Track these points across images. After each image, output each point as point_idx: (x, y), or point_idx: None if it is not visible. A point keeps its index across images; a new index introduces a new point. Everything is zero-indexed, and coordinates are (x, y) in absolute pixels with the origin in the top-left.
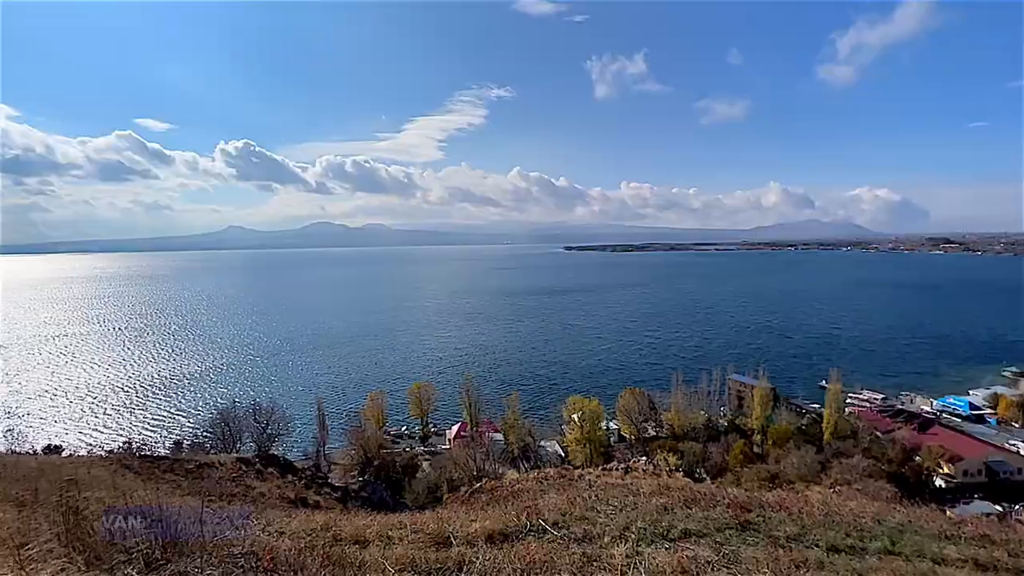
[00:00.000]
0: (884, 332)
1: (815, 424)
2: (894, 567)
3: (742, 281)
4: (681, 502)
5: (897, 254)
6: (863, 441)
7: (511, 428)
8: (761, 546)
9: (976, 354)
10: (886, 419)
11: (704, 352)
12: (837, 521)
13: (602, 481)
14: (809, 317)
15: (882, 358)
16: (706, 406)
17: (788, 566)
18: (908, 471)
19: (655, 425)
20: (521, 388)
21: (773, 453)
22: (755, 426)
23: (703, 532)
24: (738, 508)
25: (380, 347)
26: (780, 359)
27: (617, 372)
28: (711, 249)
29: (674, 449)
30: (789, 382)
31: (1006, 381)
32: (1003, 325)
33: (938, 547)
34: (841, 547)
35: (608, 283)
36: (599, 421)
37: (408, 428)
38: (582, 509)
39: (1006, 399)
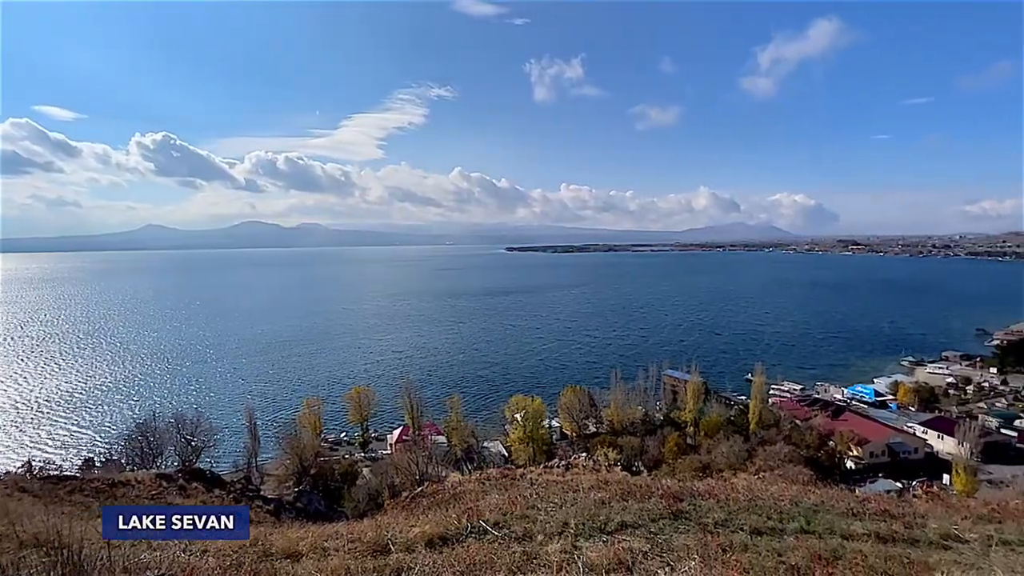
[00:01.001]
0: (802, 328)
1: (742, 415)
2: (809, 545)
3: (676, 281)
4: (618, 495)
5: (812, 255)
6: (784, 429)
7: (454, 430)
8: (692, 533)
9: (880, 346)
10: (804, 408)
11: (641, 350)
12: (760, 505)
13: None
14: (736, 315)
15: (800, 352)
16: (643, 401)
17: (716, 550)
18: (823, 455)
19: (596, 422)
20: (464, 390)
21: (705, 444)
22: (688, 419)
23: (638, 523)
24: (671, 498)
25: (316, 352)
26: (711, 355)
27: (558, 371)
28: (647, 250)
29: (613, 444)
30: (719, 376)
31: (905, 370)
32: (902, 319)
33: (846, 524)
34: (763, 529)
35: (549, 283)
36: (541, 420)
37: (347, 434)
38: (523, 508)
39: (905, 386)
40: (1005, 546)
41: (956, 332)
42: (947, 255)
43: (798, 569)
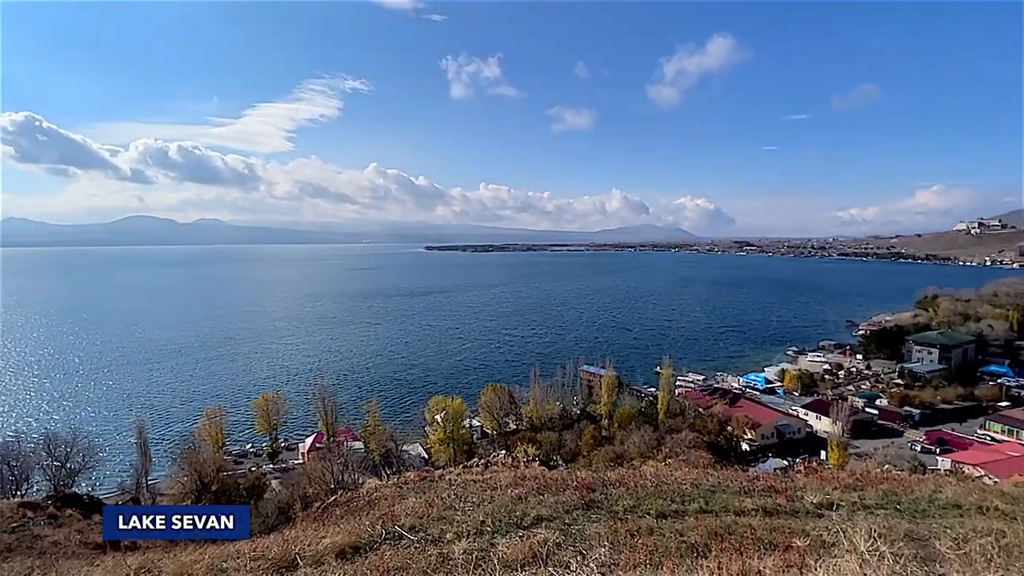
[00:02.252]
0: (704, 323)
1: (652, 406)
2: (707, 523)
3: (590, 280)
4: (534, 490)
5: (713, 255)
6: (689, 417)
7: (371, 435)
8: (603, 521)
9: (769, 338)
10: (706, 397)
11: (559, 347)
12: (665, 490)
13: (462, 479)
14: (646, 311)
15: (702, 345)
16: (561, 397)
17: (624, 536)
18: (722, 439)
19: (516, 419)
20: (382, 393)
21: (618, 435)
22: (603, 412)
23: (553, 516)
24: (584, 489)
25: (217, 358)
26: (623, 350)
27: (479, 371)
28: (564, 250)
29: (533, 440)
30: (631, 370)
31: (789, 359)
32: (787, 314)
33: (739, 501)
34: (668, 512)
35: (469, 283)
36: (462, 420)
37: (254, 446)
38: (440, 510)
39: (790, 373)
40: (866, 510)
41: (831, 324)
42: (823, 255)
43: (697, 547)
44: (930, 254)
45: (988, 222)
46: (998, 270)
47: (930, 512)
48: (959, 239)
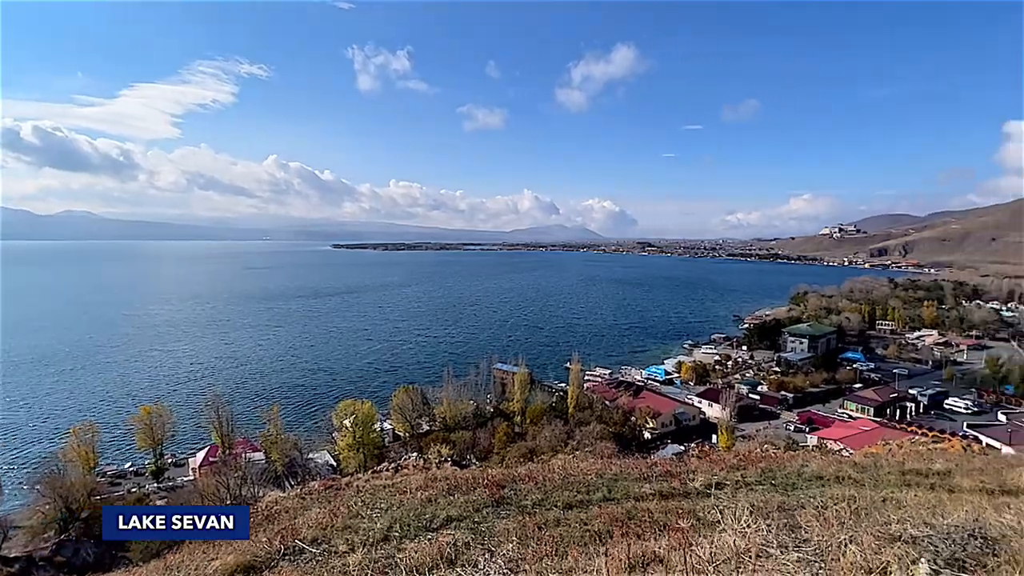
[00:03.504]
0: (610, 320)
1: (562, 400)
2: (609, 511)
3: (503, 279)
4: (445, 491)
5: (618, 255)
6: (597, 410)
7: (273, 444)
8: (512, 517)
9: (668, 333)
10: (612, 390)
11: (472, 346)
12: (572, 482)
13: (371, 485)
14: (556, 310)
15: (608, 341)
16: (475, 396)
17: (532, 529)
18: (626, 429)
19: (429, 420)
20: (284, 400)
21: (531, 430)
22: (516, 409)
23: (463, 516)
24: (494, 487)
25: (85, 368)
26: (535, 347)
27: (390, 372)
28: (477, 249)
29: (446, 440)
30: (542, 367)
31: (686, 351)
32: (685, 310)
33: (638, 487)
34: (574, 503)
35: (379, 283)
36: (372, 423)
37: (135, 464)
38: (345, 519)
39: (686, 365)
40: (747, 487)
41: (721, 319)
42: (714, 256)
43: (600, 534)
44: (801, 255)
45: (847, 227)
46: (854, 269)
47: (798, 485)
48: (824, 242)
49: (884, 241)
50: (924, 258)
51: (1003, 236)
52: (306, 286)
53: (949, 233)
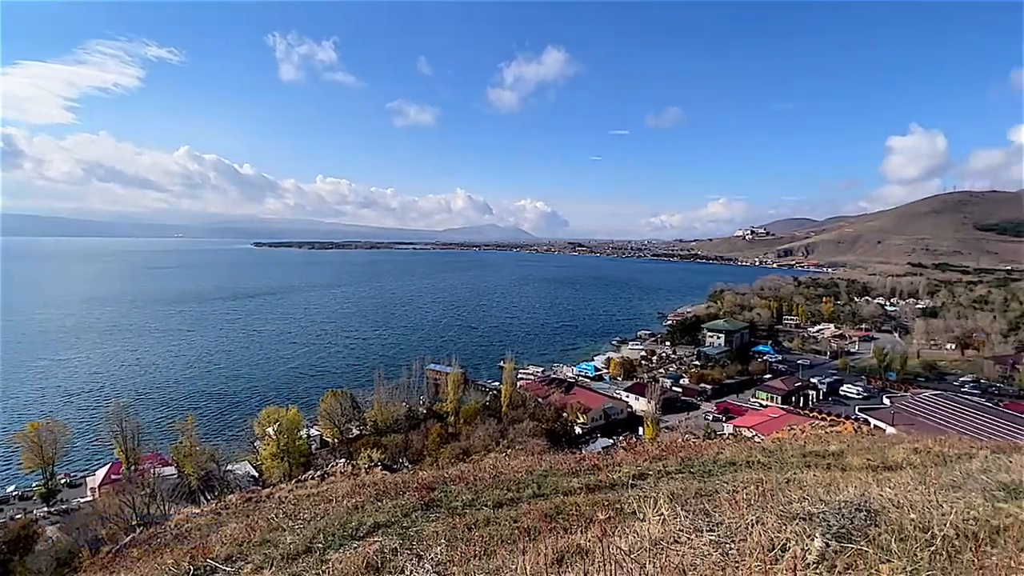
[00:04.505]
0: (542, 319)
1: (496, 399)
2: (538, 507)
3: (436, 279)
4: (373, 497)
5: (550, 255)
6: (530, 407)
7: (187, 457)
8: (442, 519)
9: (598, 330)
10: (544, 387)
11: (404, 347)
12: (503, 480)
13: (295, 495)
14: (490, 309)
15: (541, 339)
16: (407, 398)
17: (462, 530)
18: (558, 425)
19: (359, 424)
20: (200, 409)
21: (464, 430)
22: (450, 409)
23: (391, 521)
24: (424, 489)
25: None
26: (469, 347)
27: (317, 377)
28: (409, 248)
29: (377, 444)
30: (476, 366)
31: (614, 348)
32: (613, 308)
33: (567, 482)
34: (504, 501)
35: (305, 283)
36: (298, 430)
37: (19, 487)
38: (265, 532)
39: (614, 361)
40: (668, 476)
41: (646, 316)
42: (640, 256)
43: (529, 530)
44: (718, 255)
45: (757, 230)
46: (764, 269)
47: (714, 471)
48: (738, 243)
49: (789, 243)
50: (823, 258)
51: (887, 239)
52: (223, 287)
53: (843, 236)
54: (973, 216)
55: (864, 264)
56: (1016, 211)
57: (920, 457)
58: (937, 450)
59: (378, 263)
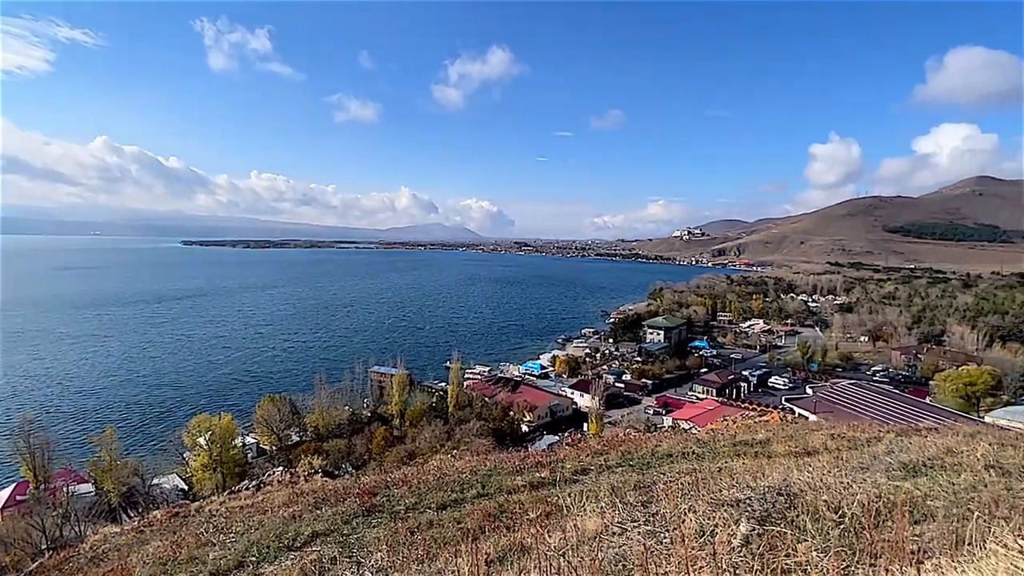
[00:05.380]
0: (489, 318)
1: (442, 400)
2: (482, 506)
3: (380, 279)
4: (311, 505)
5: (496, 254)
6: (477, 407)
7: (106, 473)
8: (384, 525)
9: (544, 329)
10: (491, 386)
11: (347, 349)
12: (447, 482)
13: (227, 507)
14: (436, 309)
15: (488, 339)
16: (350, 401)
17: (404, 535)
18: (505, 424)
19: (299, 430)
20: (120, 420)
21: (410, 432)
22: (395, 411)
23: (331, 529)
24: (366, 495)
25: None
26: (414, 348)
27: (253, 382)
28: (352, 247)
29: (318, 450)
30: (422, 367)
31: (559, 346)
32: (559, 307)
33: (511, 481)
34: (448, 503)
35: (239, 284)
36: (232, 439)
37: None
38: (192, 549)
39: (560, 359)
40: (608, 470)
41: (591, 314)
42: (584, 255)
43: (473, 531)
44: (658, 255)
45: (693, 231)
46: (700, 268)
47: (652, 463)
48: (676, 244)
49: (723, 243)
50: (753, 258)
51: (809, 240)
52: (147, 289)
53: (771, 236)
54: (882, 219)
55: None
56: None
57: (836, 442)
58: (850, 435)
59: (318, 263)
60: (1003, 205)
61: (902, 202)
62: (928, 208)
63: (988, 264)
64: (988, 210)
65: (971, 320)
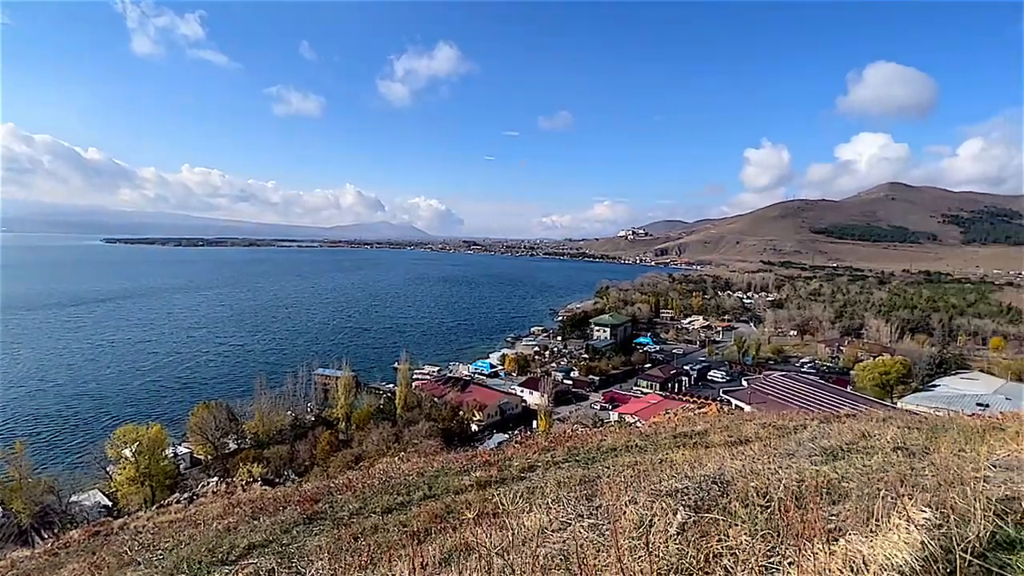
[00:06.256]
0: (438, 318)
1: (390, 401)
2: (429, 508)
3: (324, 279)
4: (249, 516)
5: (444, 253)
6: (426, 408)
7: (15, 492)
8: (326, 532)
9: (493, 328)
10: (440, 386)
11: (289, 352)
12: (393, 485)
13: (155, 523)
14: (383, 309)
15: (437, 339)
16: (292, 406)
17: (348, 541)
18: (455, 424)
19: (237, 437)
20: (32, 434)
21: (357, 436)
22: (341, 415)
23: (269, 540)
24: (307, 502)
25: None
26: (361, 349)
27: (185, 389)
28: (294, 246)
29: (259, 458)
30: (369, 369)
31: (509, 344)
32: (508, 306)
33: (458, 481)
34: (393, 507)
35: (169, 284)
36: (162, 449)
37: None
38: (112, 570)
39: (509, 357)
40: (555, 466)
41: (540, 312)
42: (532, 255)
43: (418, 533)
44: (604, 254)
45: (637, 231)
46: (643, 267)
47: (597, 458)
48: (621, 243)
49: (665, 243)
50: (693, 257)
51: (744, 240)
52: (64, 290)
53: (709, 236)
54: (809, 221)
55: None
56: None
57: (767, 431)
58: (780, 423)
59: (258, 262)
60: (912, 209)
61: (826, 205)
62: (848, 211)
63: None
64: (899, 213)
65: (885, 314)
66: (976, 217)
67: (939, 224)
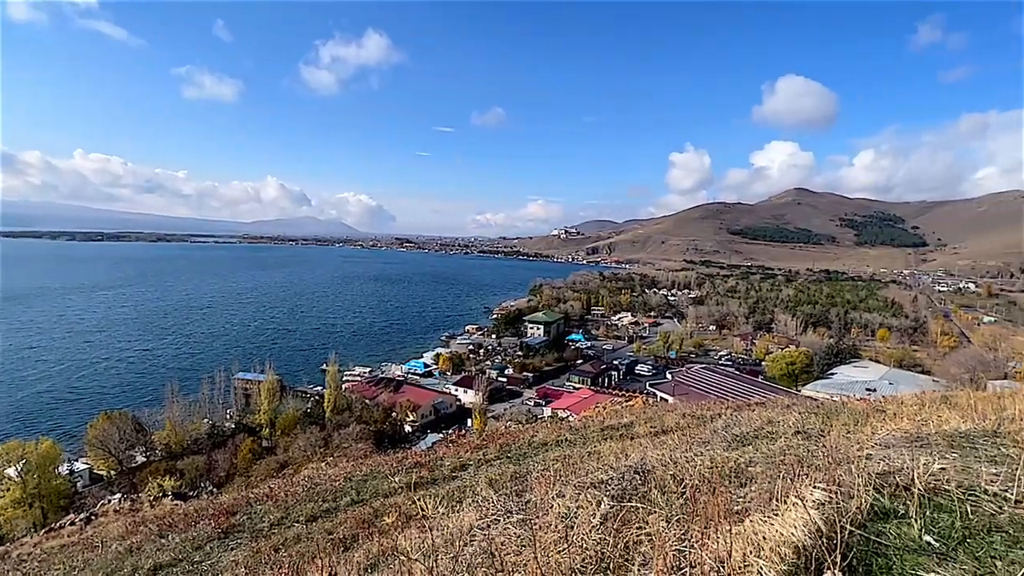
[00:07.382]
0: (369, 318)
1: (318, 405)
2: (357, 513)
3: (245, 276)
4: (156, 534)
5: (376, 251)
6: (356, 410)
7: None
8: (244, 545)
9: (427, 327)
10: (372, 387)
11: (205, 356)
12: (319, 491)
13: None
14: (310, 309)
15: (369, 339)
16: (209, 413)
17: (268, 554)
18: (387, 426)
19: (146, 450)
20: None
21: (282, 442)
22: (264, 420)
23: (178, 559)
24: (222, 515)
25: None
26: (286, 351)
27: (81, 400)
28: (210, 241)
29: (171, 470)
30: (295, 372)
31: (443, 343)
32: (442, 304)
33: (388, 484)
34: (319, 514)
35: (60, 284)
36: (55, 467)
37: None
38: None
39: (443, 356)
40: (487, 463)
41: (474, 311)
42: (467, 253)
43: (345, 540)
44: (537, 253)
45: (570, 230)
46: (575, 265)
47: (528, 454)
48: (554, 242)
49: (595, 242)
50: (622, 256)
51: (668, 240)
52: None
53: (637, 236)
54: (727, 222)
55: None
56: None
57: (687, 420)
58: (698, 413)
59: (168, 259)
60: (815, 213)
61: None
62: (760, 214)
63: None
64: (804, 217)
65: (792, 310)
66: (868, 221)
67: (837, 227)
